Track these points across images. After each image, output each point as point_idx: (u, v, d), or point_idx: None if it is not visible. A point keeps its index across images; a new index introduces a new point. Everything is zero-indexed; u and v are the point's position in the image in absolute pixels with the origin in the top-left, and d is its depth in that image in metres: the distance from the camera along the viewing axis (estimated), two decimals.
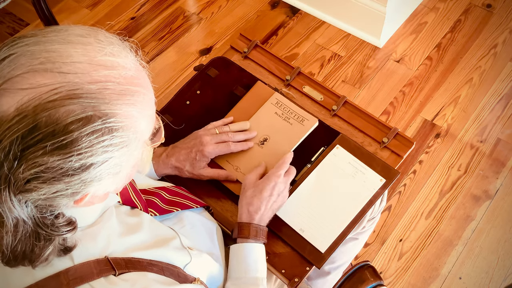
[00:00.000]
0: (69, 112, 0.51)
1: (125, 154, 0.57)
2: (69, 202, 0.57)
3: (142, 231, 0.74)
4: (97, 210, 0.69)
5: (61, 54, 0.53)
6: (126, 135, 0.56)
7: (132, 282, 0.64)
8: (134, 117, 0.56)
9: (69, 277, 0.61)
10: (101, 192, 0.61)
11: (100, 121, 0.52)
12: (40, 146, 0.50)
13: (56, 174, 0.52)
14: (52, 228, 0.58)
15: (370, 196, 0.99)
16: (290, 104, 1.08)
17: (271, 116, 1.07)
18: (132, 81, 0.57)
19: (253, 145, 1.04)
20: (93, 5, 2.22)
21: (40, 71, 0.52)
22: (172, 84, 1.97)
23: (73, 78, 0.52)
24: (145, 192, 0.89)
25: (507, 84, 1.90)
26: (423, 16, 2.11)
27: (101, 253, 0.65)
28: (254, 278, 0.87)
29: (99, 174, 0.55)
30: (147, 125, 0.60)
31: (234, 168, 1.03)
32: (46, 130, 0.50)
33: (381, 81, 1.94)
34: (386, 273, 1.55)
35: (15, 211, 0.53)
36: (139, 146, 0.60)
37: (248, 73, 1.16)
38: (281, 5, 2.19)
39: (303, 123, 1.06)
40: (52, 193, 0.53)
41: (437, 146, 1.78)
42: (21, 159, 0.50)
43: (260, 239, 0.90)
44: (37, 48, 0.53)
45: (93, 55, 0.55)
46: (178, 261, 0.74)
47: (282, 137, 1.05)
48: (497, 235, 1.60)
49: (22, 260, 0.59)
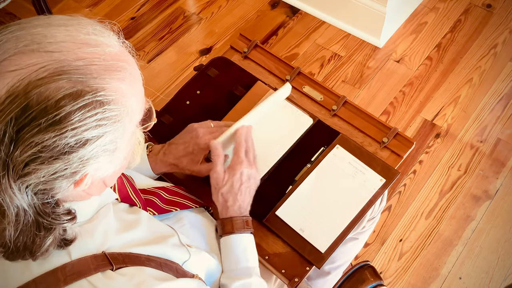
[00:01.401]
0: (59, 88, 0.52)
1: (118, 130, 0.58)
2: (69, 184, 0.57)
3: (140, 228, 0.74)
4: (94, 205, 0.69)
5: (45, 35, 0.55)
6: (118, 109, 0.57)
7: (130, 277, 0.64)
8: (124, 91, 0.57)
9: (66, 273, 0.61)
10: (100, 174, 0.61)
11: (90, 95, 0.53)
12: (35, 124, 0.51)
13: (54, 153, 0.52)
14: (53, 216, 0.58)
15: (370, 196, 0.99)
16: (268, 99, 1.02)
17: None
18: (118, 58, 0.58)
19: None
20: (93, 5, 2.22)
21: (27, 52, 0.53)
22: (172, 84, 1.97)
23: (59, 56, 0.53)
24: (144, 191, 0.89)
25: (507, 84, 1.90)
26: (423, 16, 2.11)
27: (98, 249, 0.66)
28: (245, 268, 0.86)
29: (96, 151, 0.56)
30: (137, 103, 0.61)
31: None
32: (38, 107, 0.51)
33: (381, 81, 1.94)
34: (386, 273, 1.55)
35: (16, 199, 0.54)
36: (132, 125, 0.61)
37: (248, 73, 1.16)
38: (281, 5, 2.19)
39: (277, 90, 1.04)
40: (51, 174, 0.54)
41: (437, 146, 1.78)
42: (18, 141, 0.51)
43: (246, 229, 0.89)
44: (21, 33, 0.55)
45: (76, 34, 0.56)
46: (177, 258, 0.74)
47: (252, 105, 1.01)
48: (497, 235, 1.60)
49: (23, 252, 0.59)
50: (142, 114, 0.64)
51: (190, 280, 0.72)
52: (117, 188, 0.77)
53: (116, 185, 0.77)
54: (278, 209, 0.99)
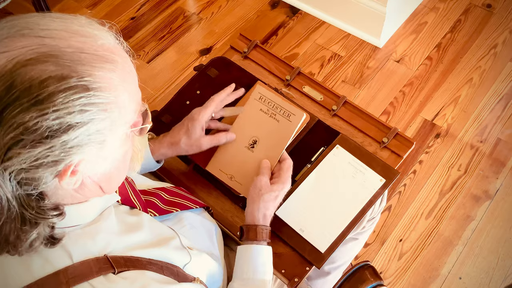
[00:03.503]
0: (44, 70, 0.52)
1: (105, 120, 0.57)
2: (52, 175, 0.56)
3: (142, 230, 0.74)
4: (95, 208, 0.69)
5: (39, 23, 0.55)
6: (105, 97, 0.56)
7: (131, 280, 0.64)
8: (113, 82, 0.57)
9: (69, 276, 0.61)
10: (89, 172, 0.60)
11: (76, 79, 0.53)
12: (18, 104, 0.51)
13: (35, 136, 0.52)
14: (37, 210, 0.57)
15: (370, 196, 0.99)
16: (274, 97, 1.03)
17: (256, 114, 1.03)
18: (110, 50, 0.58)
19: (244, 150, 1.01)
20: (93, 5, 2.22)
21: (18, 36, 0.54)
22: (172, 84, 1.97)
23: (50, 42, 0.54)
24: (145, 192, 0.89)
25: (507, 84, 1.90)
26: (423, 16, 2.11)
27: (100, 252, 0.65)
28: (261, 281, 0.87)
29: (80, 140, 0.55)
30: (129, 101, 0.60)
31: (228, 177, 1.02)
32: (22, 86, 0.51)
33: (381, 81, 1.94)
34: (386, 273, 1.55)
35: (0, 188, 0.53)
36: (122, 122, 0.60)
37: (248, 73, 1.16)
38: (281, 5, 2.19)
39: (290, 119, 1.01)
40: (32, 160, 0.53)
41: (437, 146, 1.78)
42: (1, 122, 0.51)
43: (266, 239, 0.91)
44: (16, 21, 0.55)
45: (70, 25, 0.57)
46: (178, 261, 0.74)
47: (271, 137, 1.01)
48: (497, 235, 1.59)
49: (6, 246, 0.58)
50: (136, 115, 0.63)
51: (191, 284, 0.72)
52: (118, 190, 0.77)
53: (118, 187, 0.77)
54: (278, 209, 0.99)
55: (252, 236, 0.89)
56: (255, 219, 0.91)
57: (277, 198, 0.93)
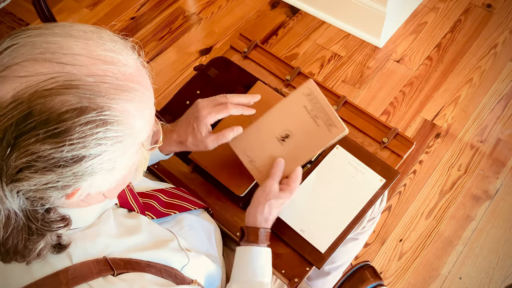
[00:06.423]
0: (65, 101, 0.51)
1: (118, 150, 0.56)
2: (60, 196, 0.56)
3: (140, 233, 0.74)
4: (95, 211, 0.69)
5: (62, 45, 0.54)
6: (121, 130, 0.55)
7: (130, 283, 0.64)
8: (130, 113, 0.56)
9: (68, 276, 0.61)
10: (95, 190, 0.60)
11: (95, 112, 0.52)
12: (33, 134, 0.50)
13: (48, 164, 0.52)
14: (42, 223, 0.57)
15: (370, 196, 0.99)
16: (323, 100, 0.94)
17: (299, 109, 0.95)
18: (131, 78, 0.57)
19: (273, 140, 0.96)
20: (93, 5, 2.22)
21: (39, 60, 0.52)
22: (172, 84, 1.97)
23: (71, 69, 0.52)
24: (143, 195, 0.88)
25: (507, 84, 1.90)
26: (423, 16, 2.11)
27: (100, 254, 0.65)
28: (259, 283, 0.87)
29: (91, 169, 0.55)
30: (144, 125, 0.60)
31: (249, 159, 0.97)
32: (40, 117, 0.50)
33: (381, 81, 1.94)
34: (386, 273, 1.55)
35: (7, 202, 0.53)
36: (134, 145, 0.60)
37: (248, 73, 1.16)
38: (281, 5, 2.19)
39: (330, 129, 0.94)
40: (43, 184, 0.53)
41: (437, 146, 1.78)
42: (14, 146, 0.50)
43: (266, 242, 0.90)
44: (38, 39, 0.54)
45: (93, 49, 0.55)
46: (176, 263, 0.74)
47: (305, 138, 0.95)
48: (497, 235, 1.59)
49: (14, 255, 0.58)
50: (148, 134, 0.63)
51: (189, 287, 0.72)
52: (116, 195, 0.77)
53: None
54: None
55: (253, 238, 0.89)
56: (257, 221, 0.90)
57: (281, 205, 0.92)
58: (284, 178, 0.95)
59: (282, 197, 0.91)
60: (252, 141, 0.96)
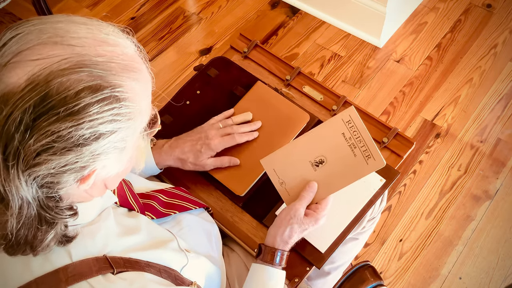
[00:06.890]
0: (80, 80, 0.53)
1: (130, 128, 0.59)
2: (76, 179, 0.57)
3: (140, 233, 0.74)
4: (96, 207, 0.69)
5: (68, 30, 0.56)
6: (132, 106, 0.58)
7: (130, 281, 0.64)
8: (137, 92, 0.59)
9: (68, 274, 0.61)
10: (106, 174, 0.61)
11: (109, 89, 0.54)
12: (53, 113, 0.51)
13: (67, 144, 0.53)
14: (56, 210, 0.58)
15: (370, 196, 0.99)
16: (362, 129, 0.89)
17: (336, 135, 0.91)
18: (133, 59, 0.60)
19: (307, 164, 0.92)
20: (93, 5, 2.22)
21: (50, 43, 0.54)
22: (172, 84, 1.97)
23: (81, 51, 0.54)
24: (143, 196, 0.88)
25: (507, 84, 1.90)
26: (423, 16, 2.11)
27: (100, 252, 0.65)
28: None
29: (107, 147, 0.57)
30: (147, 106, 0.62)
31: (279, 181, 0.95)
32: (58, 97, 0.51)
33: (381, 81, 1.94)
34: (386, 273, 1.55)
35: (22, 190, 0.54)
36: (141, 126, 0.62)
37: (248, 73, 1.16)
38: (281, 5, 2.19)
39: (368, 162, 0.89)
40: (61, 166, 0.54)
41: (437, 146, 1.78)
42: (33, 129, 0.51)
43: (281, 265, 0.89)
44: (44, 26, 0.56)
45: (97, 33, 0.58)
46: (175, 264, 0.74)
47: (340, 167, 0.91)
48: (497, 235, 1.60)
49: (24, 246, 0.59)
50: (148, 119, 0.65)
51: None
52: (117, 192, 0.77)
53: (116, 189, 0.77)
54: (278, 209, 0.99)
55: (269, 258, 0.88)
56: (275, 242, 0.89)
57: (304, 232, 0.90)
58: (313, 204, 0.93)
59: (306, 224, 0.89)
60: (284, 162, 0.94)
